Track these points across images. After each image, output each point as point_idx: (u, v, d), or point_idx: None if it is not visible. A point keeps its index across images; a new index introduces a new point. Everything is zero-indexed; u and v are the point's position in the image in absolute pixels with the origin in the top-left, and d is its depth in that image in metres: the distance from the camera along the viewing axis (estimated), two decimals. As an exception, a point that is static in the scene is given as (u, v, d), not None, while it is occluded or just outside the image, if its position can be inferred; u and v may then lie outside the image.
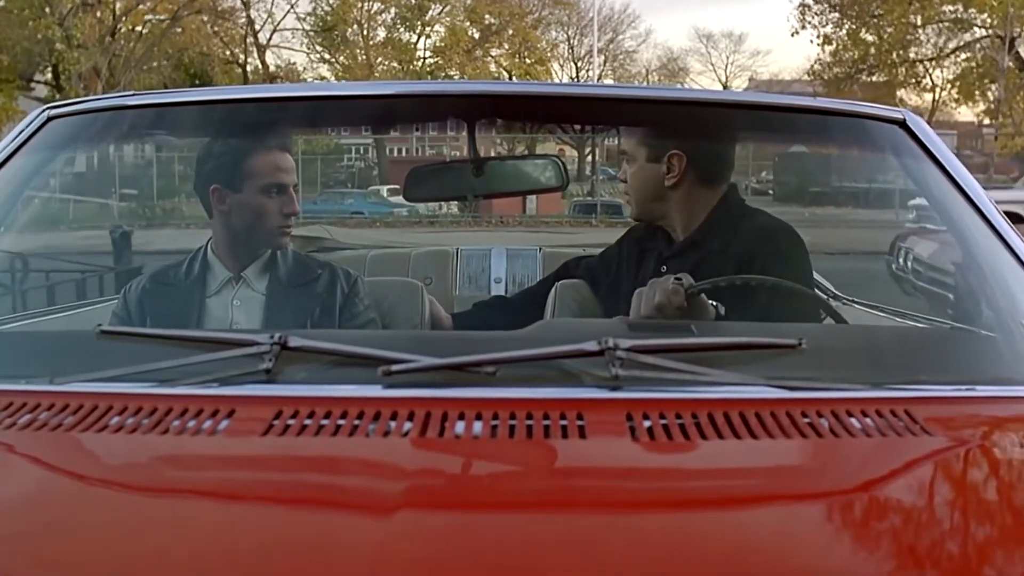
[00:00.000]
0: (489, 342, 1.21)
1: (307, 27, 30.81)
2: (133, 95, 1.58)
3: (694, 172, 1.81)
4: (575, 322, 1.74)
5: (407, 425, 0.95)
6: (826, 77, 29.55)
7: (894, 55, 28.45)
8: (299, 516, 0.83)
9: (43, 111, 1.53)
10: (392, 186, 18.51)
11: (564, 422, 0.96)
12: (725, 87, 43.40)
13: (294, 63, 32.83)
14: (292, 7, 29.47)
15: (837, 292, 2.35)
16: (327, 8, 30.47)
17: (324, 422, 0.96)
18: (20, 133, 1.48)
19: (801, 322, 1.47)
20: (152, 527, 0.80)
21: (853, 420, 0.98)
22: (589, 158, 29.64)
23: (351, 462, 0.93)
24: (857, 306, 2.28)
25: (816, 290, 1.81)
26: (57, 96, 22.94)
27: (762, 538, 0.80)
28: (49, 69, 24.28)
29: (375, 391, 1.05)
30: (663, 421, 0.97)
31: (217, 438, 0.95)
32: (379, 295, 1.82)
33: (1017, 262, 1.31)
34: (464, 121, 1.68)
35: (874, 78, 29.49)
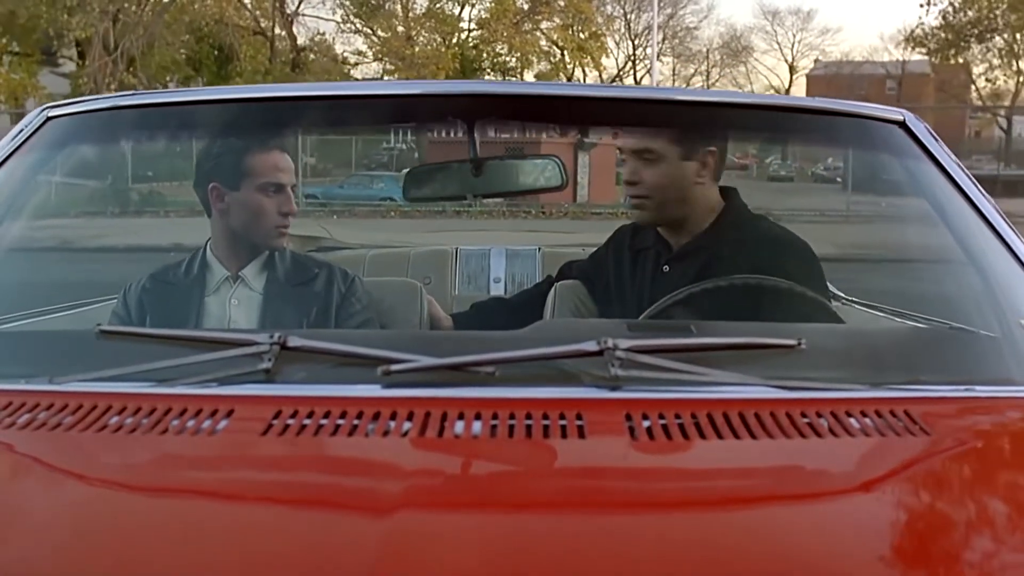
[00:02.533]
0: (488, 342, 1.21)
1: (341, -6, 28.60)
2: (132, 95, 1.58)
3: (709, 171, 1.83)
4: (574, 322, 1.74)
5: (406, 425, 0.95)
6: (930, 45, 27.28)
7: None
8: (299, 516, 0.83)
9: (41, 111, 1.53)
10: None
11: (563, 422, 0.96)
12: (791, 67, 41.28)
13: (323, 33, 30.60)
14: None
15: (837, 292, 2.35)
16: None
17: (323, 422, 0.96)
18: (19, 133, 1.48)
19: (799, 322, 1.47)
20: (151, 527, 0.80)
21: (853, 420, 0.98)
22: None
23: (351, 462, 0.93)
24: (857, 306, 2.28)
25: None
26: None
27: (761, 538, 0.80)
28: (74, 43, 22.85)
29: (374, 391, 1.05)
30: (662, 421, 0.97)
31: (216, 438, 0.95)
32: (378, 295, 1.82)
33: (1017, 262, 1.31)
34: (464, 121, 1.68)
35: (991, 43, 26.98)
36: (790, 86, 40.89)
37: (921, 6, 27.07)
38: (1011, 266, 1.32)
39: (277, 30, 28.15)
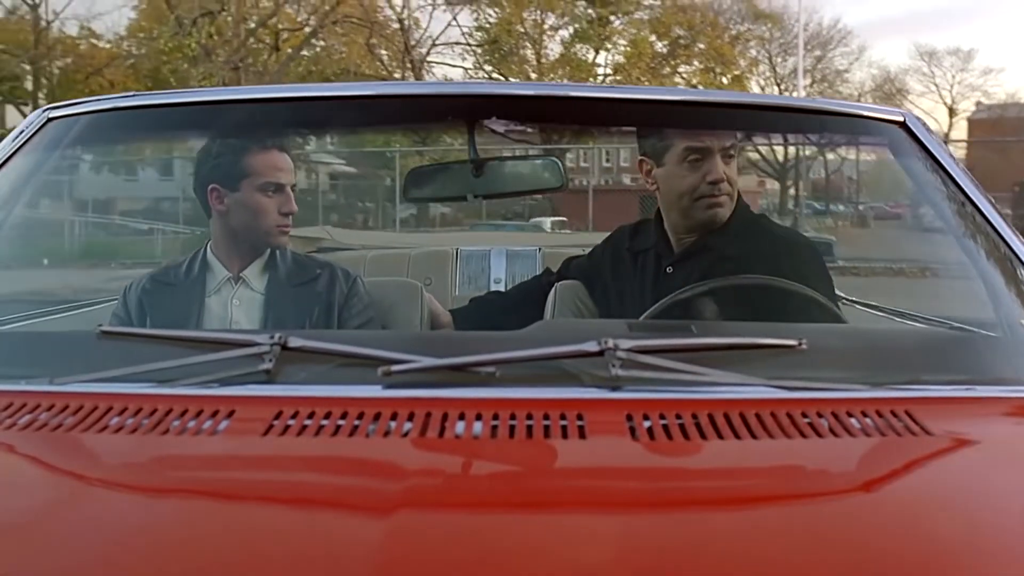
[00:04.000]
0: (489, 342, 1.21)
1: (472, 42, 27.33)
2: (133, 95, 1.58)
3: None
4: (575, 322, 1.74)
5: (407, 425, 0.95)
6: None
7: None
8: (299, 516, 0.83)
9: (43, 111, 1.53)
10: (558, 218, 15.78)
11: (564, 422, 0.96)
12: (951, 110, 38.34)
13: (451, 80, 29.93)
14: (454, 18, 26.59)
15: (837, 292, 2.35)
16: (491, 21, 27.15)
17: (324, 422, 0.96)
18: (21, 133, 1.48)
19: (803, 322, 1.47)
20: (152, 527, 0.80)
21: (853, 420, 0.98)
22: (793, 190, 24.64)
23: (351, 462, 0.93)
24: (857, 306, 2.28)
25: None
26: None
27: (762, 538, 0.79)
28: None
29: (375, 391, 1.05)
30: (663, 421, 0.97)
31: (217, 438, 0.95)
32: (378, 295, 1.83)
33: (1017, 262, 1.32)
34: (464, 122, 1.68)
35: None
36: (949, 130, 36.42)
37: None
38: (1012, 266, 1.32)
39: (410, 77, 27.22)
